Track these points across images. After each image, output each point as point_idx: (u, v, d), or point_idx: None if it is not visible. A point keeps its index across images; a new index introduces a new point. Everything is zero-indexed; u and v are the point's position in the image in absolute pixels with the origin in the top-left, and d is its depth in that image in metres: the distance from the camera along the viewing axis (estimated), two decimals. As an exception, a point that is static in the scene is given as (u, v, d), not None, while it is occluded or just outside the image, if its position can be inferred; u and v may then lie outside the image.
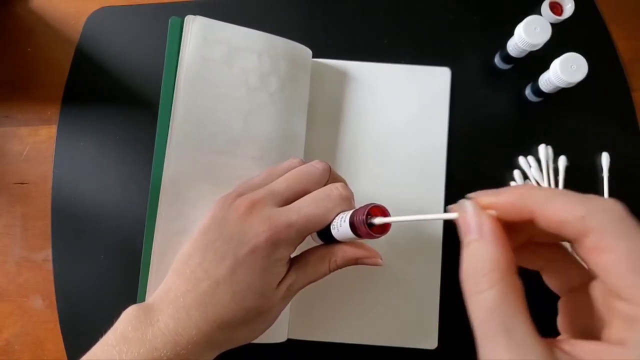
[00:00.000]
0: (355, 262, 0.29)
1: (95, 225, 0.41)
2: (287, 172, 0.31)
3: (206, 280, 0.27)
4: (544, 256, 0.22)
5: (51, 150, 0.42)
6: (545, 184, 0.41)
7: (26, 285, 0.41)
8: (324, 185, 0.30)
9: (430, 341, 0.39)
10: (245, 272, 0.27)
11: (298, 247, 0.30)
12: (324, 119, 0.42)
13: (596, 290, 0.19)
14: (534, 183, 0.41)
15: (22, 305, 0.41)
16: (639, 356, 0.16)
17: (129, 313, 0.29)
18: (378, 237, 0.26)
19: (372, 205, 0.26)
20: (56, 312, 0.41)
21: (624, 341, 0.17)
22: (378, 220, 0.26)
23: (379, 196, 0.41)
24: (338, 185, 0.29)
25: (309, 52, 0.41)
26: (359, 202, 0.40)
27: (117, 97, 0.43)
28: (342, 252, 0.29)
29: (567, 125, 0.43)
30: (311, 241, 0.31)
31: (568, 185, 0.41)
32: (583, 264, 0.20)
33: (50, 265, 0.41)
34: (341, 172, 0.41)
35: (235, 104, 0.37)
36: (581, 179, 0.42)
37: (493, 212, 0.19)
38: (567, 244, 0.21)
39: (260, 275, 0.27)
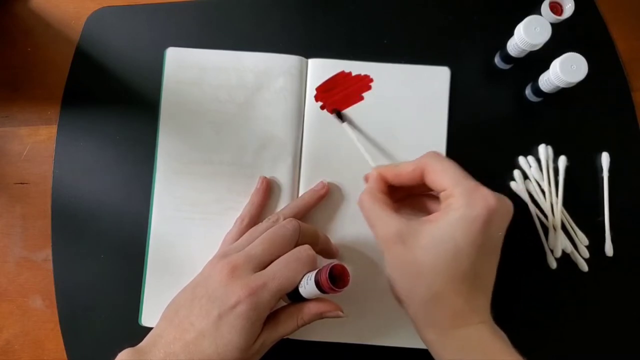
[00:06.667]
0: (320, 316, 0.33)
1: (95, 225, 0.41)
2: (264, 232, 0.35)
3: (192, 331, 0.31)
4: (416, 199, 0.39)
5: (51, 150, 0.42)
6: (545, 184, 0.41)
7: (26, 285, 0.41)
8: (296, 240, 0.34)
9: (430, 341, 0.39)
10: (228, 329, 0.30)
11: None
12: (323, 119, 0.42)
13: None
14: (534, 183, 0.41)
15: (22, 305, 0.41)
16: (448, 207, 0.32)
17: (124, 357, 0.31)
18: (340, 292, 0.30)
19: (333, 264, 0.31)
20: (56, 312, 0.41)
21: (446, 204, 0.32)
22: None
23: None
24: (305, 247, 0.33)
25: (292, 58, 0.42)
26: (355, 204, 0.41)
27: (117, 97, 0.43)
28: (308, 310, 0.33)
29: (567, 125, 0.43)
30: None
31: (568, 185, 0.41)
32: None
33: (50, 265, 0.41)
34: (340, 172, 0.41)
35: (208, 118, 0.42)
36: (581, 179, 0.42)
37: (376, 171, 0.36)
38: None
39: (240, 333, 0.30)
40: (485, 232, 0.31)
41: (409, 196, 0.38)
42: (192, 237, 0.41)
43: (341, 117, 0.41)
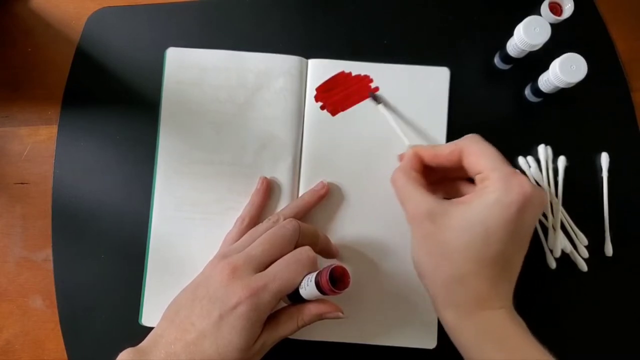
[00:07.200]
0: (320, 317, 0.33)
1: (95, 225, 0.41)
2: (265, 232, 0.35)
3: (193, 332, 0.31)
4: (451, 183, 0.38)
5: (51, 150, 0.43)
6: (545, 184, 0.41)
7: (26, 285, 0.41)
8: (296, 240, 0.35)
9: (429, 341, 0.40)
10: (229, 330, 0.30)
11: None
12: (323, 119, 0.42)
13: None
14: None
15: (22, 305, 0.41)
16: (483, 189, 0.32)
17: (125, 357, 0.31)
18: (341, 293, 0.31)
19: (334, 265, 0.31)
20: (56, 312, 0.41)
21: (482, 187, 0.32)
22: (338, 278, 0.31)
23: (378, 195, 0.41)
24: (306, 248, 0.34)
25: (292, 58, 0.42)
26: (355, 204, 0.41)
27: (118, 97, 0.43)
28: (308, 311, 0.33)
29: (567, 125, 0.43)
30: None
31: (568, 185, 0.41)
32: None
33: (50, 265, 0.41)
34: (340, 172, 0.41)
35: (208, 118, 0.42)
36: (581, 179, 0.42)
37: (413, 150, 0.37)
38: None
39: (241, 334, 0.30)
40: (519, 219, 0.30)
41: (443, 180, 0.38)
42: (193, 237, 0.41)
43: (377, 99, 0.42)
